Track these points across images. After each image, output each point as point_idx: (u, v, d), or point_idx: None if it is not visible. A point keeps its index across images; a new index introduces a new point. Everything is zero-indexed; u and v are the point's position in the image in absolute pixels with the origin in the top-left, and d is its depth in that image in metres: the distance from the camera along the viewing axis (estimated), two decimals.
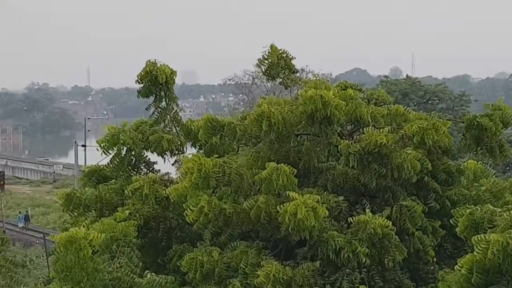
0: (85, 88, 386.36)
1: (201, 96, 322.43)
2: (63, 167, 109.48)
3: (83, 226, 8.45)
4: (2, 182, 70.10)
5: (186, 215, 9.44)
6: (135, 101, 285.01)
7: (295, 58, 12.51)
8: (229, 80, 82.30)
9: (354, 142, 10.35)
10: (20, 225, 68.73)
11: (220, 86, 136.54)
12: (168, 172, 11.28)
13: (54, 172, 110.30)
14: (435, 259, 10.43)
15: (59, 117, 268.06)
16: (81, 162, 68.20)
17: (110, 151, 11.03)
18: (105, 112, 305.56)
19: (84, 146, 69.43)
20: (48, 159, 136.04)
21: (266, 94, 58.73)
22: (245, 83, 78.66)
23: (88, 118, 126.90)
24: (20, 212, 77.16)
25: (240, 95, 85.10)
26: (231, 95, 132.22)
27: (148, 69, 11.56)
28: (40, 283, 8.67)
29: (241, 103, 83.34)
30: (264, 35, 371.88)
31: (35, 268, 43.72)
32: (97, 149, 10.57)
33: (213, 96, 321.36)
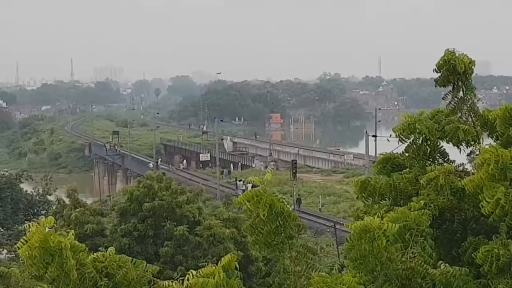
0: (376, 79, 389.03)
1: (494, 87, 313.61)
2: (354, 157, 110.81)
3: (377, 216, 8.40)
4: (294, 171, 72.05)
5: (482, 206, 9.14)
6: (426, 91, 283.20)
7: None
8: None
9: None
10: (239, 192, 71.20)
11: None
12: (462, 163, 10.99)
13: (344, 162, 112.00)
14: None
15: (349, 107, 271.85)
16: (371, 152, 68.61)
17: (405, 140, 10.92)
18: (395, 103, 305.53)
19: (374, 136, 69.69)
20: (339, 149, 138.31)
21: None
22: None
23: (379, 109, 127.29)
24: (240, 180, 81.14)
25: None
26: None
27: (446, 58, 11.30)
28: (334, 270, 8.74)
29: None
30: None
31: (325, 256, 44.55)
32: (388, 140, 10.52)
33: (507, 87, 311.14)
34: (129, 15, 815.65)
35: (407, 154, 11.03)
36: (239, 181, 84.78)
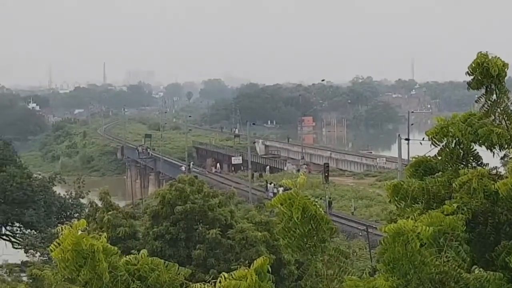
0: (409, 82, 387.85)
1: None
2: (386, 160, 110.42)
3: (411, 219, 8.35)
4: (326, 174, 71.98)
5: None
6: (459, 95, 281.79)
7: None
8: None
9: None
10: (270, 195, 71.33)
11: None
12: (496, 166, 10.91)
13: (377, 165, 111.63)
14: None
15: (382, 110, 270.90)
16: (404, 156, 68.29)
17: (438, 143, 10.85)
18: (428, 106, 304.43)
19: (407, 140, 69.41)
20: (371, 152, 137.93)
21: None
22: None
23: (412, 112, 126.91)
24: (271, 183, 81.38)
25: None
26: None
27: (479, 61, 11.22)
28: (365, 273, 8.71)
29: None
30: None
31: (358, 260, 44.44)
32: (420, 143, 10.46)
33: None
34: (160, 19, 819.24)
35: (440, 158, 10.96)
36: (270, 183, 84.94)
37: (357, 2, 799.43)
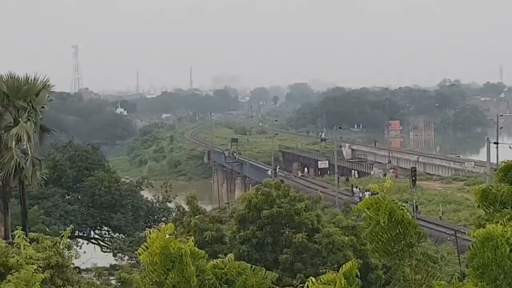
0: (498, 85, 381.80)
1: None
2: (475, 165, 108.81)
3: (500, 224, 8.20)
4: (414, 178, 71.27)
5: None
6: None
7: None
8: None
9: None
10: (356, 199, 71.14)
11: None
12: None
13: (465, 169, 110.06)
14: None
15: (470, 114, 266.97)
16: (492, 160, 67.22)
17: None
18: None
19: (496, 143, 68.28)
20: (459, 156, 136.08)
21: None
22: None
23: (501, 115, 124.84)
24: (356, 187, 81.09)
25: None
26: None
27: None
28: (454, 279, 8.58)
29: None
30: None
31: (446, 265, 43.88)
32: (510, 147, 10.23)
33: None
34: (246, 23, 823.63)
35: None
36: (355, 187, 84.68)
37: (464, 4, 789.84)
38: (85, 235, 65.84)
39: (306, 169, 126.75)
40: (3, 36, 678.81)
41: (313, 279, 6.85)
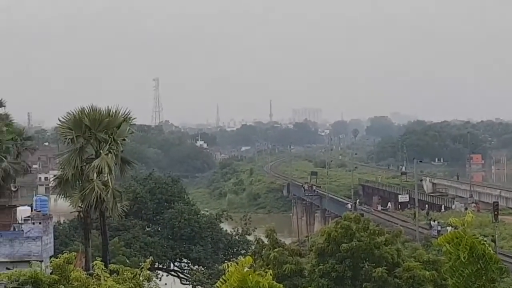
0: None
1: None
2: None
3: None
4: (496, 213, 70.10)
5: None
6: None
7: None
8: None
9: None
10: (434, 233, 71.44)
11: None
12: None
13: None
14: None
15: None
16: None
17: None
18: None
19: None
20: None
21: None
22: None
23: None
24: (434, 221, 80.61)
25: None
26: None
27: None
28: None
29: None
30: None
31: None
32: None
33: None
34: (326, 55, 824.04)
35: None
36: (434, 221, 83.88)
37: None
38: (165, 267, 66.30)
39: (389, 204, 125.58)
40: (86, 72, 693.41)
41: None
